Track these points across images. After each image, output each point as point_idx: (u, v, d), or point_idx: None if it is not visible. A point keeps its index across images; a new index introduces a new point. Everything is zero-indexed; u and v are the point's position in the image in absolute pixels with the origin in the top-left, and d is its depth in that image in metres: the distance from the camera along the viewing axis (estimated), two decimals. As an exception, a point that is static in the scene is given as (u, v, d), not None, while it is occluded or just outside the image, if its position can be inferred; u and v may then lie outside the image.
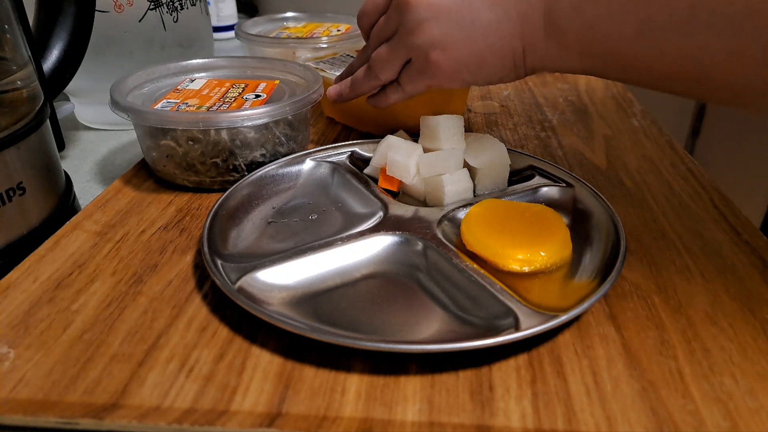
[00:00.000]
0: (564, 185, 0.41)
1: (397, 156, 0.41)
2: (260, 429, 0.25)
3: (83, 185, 0.51)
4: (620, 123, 0.58)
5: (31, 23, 0.47)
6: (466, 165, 0.42)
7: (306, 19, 0.79)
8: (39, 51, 0.48)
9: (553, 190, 0.42)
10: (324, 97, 0.50)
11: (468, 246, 0.36)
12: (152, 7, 0.58)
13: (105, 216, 0.41)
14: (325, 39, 0.68)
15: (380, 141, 0.44)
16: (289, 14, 0.79)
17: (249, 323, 0.31)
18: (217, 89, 0.49)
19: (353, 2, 0.66)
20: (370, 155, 0.45)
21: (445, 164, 0.40)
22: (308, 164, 0.45)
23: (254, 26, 0.76)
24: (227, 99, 0.47)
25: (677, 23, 0.30)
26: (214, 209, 0.38)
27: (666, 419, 0.26)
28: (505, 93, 0.67)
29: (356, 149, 0.47)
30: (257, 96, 0.47)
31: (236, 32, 0.71)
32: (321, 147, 0.47)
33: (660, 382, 0.28)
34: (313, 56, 0.62)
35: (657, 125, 0.57)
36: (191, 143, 0.43)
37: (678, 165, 0.49)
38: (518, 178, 0.44)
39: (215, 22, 0.96)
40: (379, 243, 0.37)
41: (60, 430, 0.26)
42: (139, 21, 0.57)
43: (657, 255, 0.37)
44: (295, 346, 0.30)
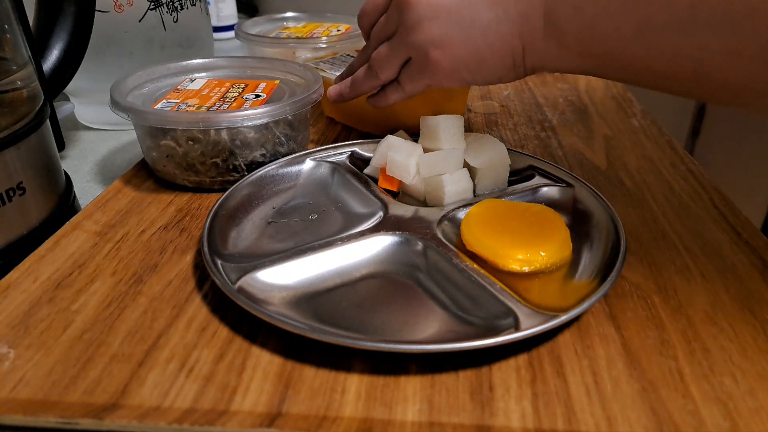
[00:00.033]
0: (564, 185, 0.41)
1: (397, 156, 0.41)
2: (260, 429, 0.25)
3: (83, 185, 0.51)
4: (620, 123, 0.58)
5: (31, 23, 0.47)
6: (466, 165, 0.42)
7: (306, 19, 0.79)
8: (39, 51, 0.48)
9: (553, 190, 0.42)
10: (324, 97, 0.50)
11: (468, 246, 0.36)
12: (152, 7, 0.58)
13: (105, 216, 0.41)
14: (325, 39, 0.68)
15: (380, 141, 0.44)
16: (289, 14, 0.79)
17: (249, 323, 0.31)
18: (217, 89, 0.49)
19: (353, 2, 0.66)
20: (370, 155, 0.45)
21: (445, 164, 0.40)
22: (308, 164, 0.45)
23: (254, 26, 0.76)
24: (227, 99, 0.47)
25: (677, 23, 0.30)
26: (214, 209, 0.38)
27: (666, 419, 0.26)
28: (505, 93, 0.67)
29: (356, 149, 0.47)
30: (257, 96, 0.47)
31: (236, 32, 0.71)
32: (321, 147, 0.47)
33: (660, 382, 0.28)
34: (313, 56, 0.62)
35: (657, 125, 0.57)
36: (191, 143, 0.43)
37: (678, 165, 0.49)
38: (518, 178, 0.44)
39: (215, 22, 0.96)
40: (379, 243, 0.37)
41: (60, 430, 0.26)
42: (139, 21, 0.57)
43: (657, 255, 0.37)
44: (295, 346, 0.30)
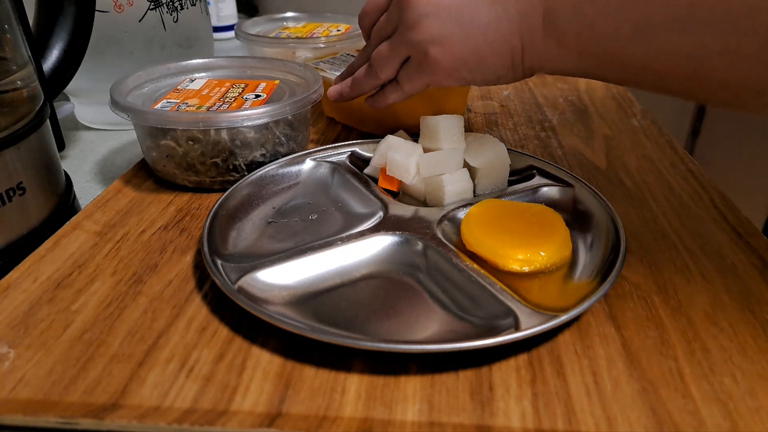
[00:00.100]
0: (564, 185, 0.41)
1: (397, 156, 0.41)
2: (260, 429, 0.25)
3: (83, 185, 0.51)
4: (620, 123, 0.58)
5: (31, 23, 0.47)
6: (466, 165, 0.42)
7: (306, 19, 0.79)
8: (39, 51, 0.48)
9: (553, 190, 0.42)
10: (324, 97, 0.50)
11: (468, 246, 0.36)
12: (152, 7, 0.58)
13: (105, 216, 0.41)
14: (325, 39, 0.68)
15: (380, 141, 0.44)
16: (289, 14, 0.79)
17: (249, 323, 0.31)
18: (217, 89, 0.49)
19: (353, 2, 0.66)
20: (370, 155, 0.45)
21: (445, 164, 0.40)
22: (308, 164, 0.45)
23: (254, 26, 0.76)
24: (227, 99, 0.47)
25: (676, 22, 0.30)
26: (214, 209, 0.38)
27: (666, 419, 0.26)
28: (505, 93, 0.67)
29: (356, 149, 0.47)
30: (257, 96, 0.47)
31: (236, 32, 0.71)
32: (321, 147, 0.47)
33: (660, 382, 0.28)
34: (313, 56, 0.62)
35: (657, 125, 0.57)
36: (191, 143, 0.43)
37: (678, 165, 0.49)
38: (518, 178, 0.44)
39: (215, 22, 0.96)
40: (379, 243, 0.37)
41: (60, 430, 0.26)
42: (139, 21, 0.57)
43: (657, 255, 0.37)
44: (295, 346, 0.30)
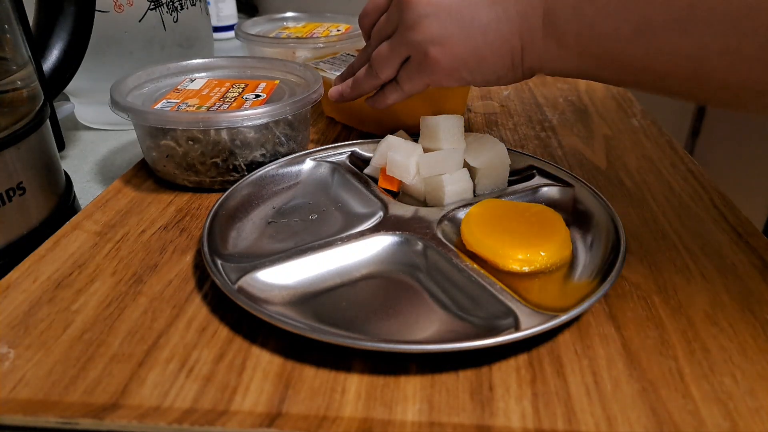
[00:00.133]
0: (564, 185, 0.41)
1: (397, 156, 0.41)
2: (260, 429, 0.25)
3: (83, 185, 0.51)
4: (620, 123, 0.58)
5: (31, 23, 0.47)
6: (466, 165, 0.42)
7: (306, 19, 0.79)
8: (39, 51, 0.48)
9: (553, 190, 0.42)
10: (324, 97, 0.50)
11: (468, 246, 0.36)
12: (152, 7, 0.58)
13: (105, 216, 0.41)
14: (325, 39, 0.68)
15: (380, 141, 0.44)
16: (289, 14, 0.79)
17: (249, 323, 0.31)
18: (217, 89, 0.49)
19: (353, 2, 0.66)
20: (370, 155, 0.45)
21: (445, 164, 0.40)
22: (308, 164, 0.45)
23: (254, 26, 0.76)
24: (227, 99, 0.47)
25: (676, 22, 0.30)
26: (214, 209, 0.38)
27: (666, 419, 0.26)
28: (505, 93, 0.67)
29: (356, 149, 0.47)
30: (257, 96, 0.47)
31: (236, 32, 0.71)
32: (321, 147, 0.47)
33: (660, 382, 0.28)
34: (313, 56, 0.62)
35: (657, 125, 0.57)
36: (191, 143, 0.43)
37: (678, 165, 0.49)
38: (518, 178, 0.44)
39: (215, 22, 0.96)
40: (379, 243, 0.37)
41: (60, 430, 0.26)
42: (139, 21, 0.57)
43: (657, 255, 0.37)
44: (295, 346, 0.30)
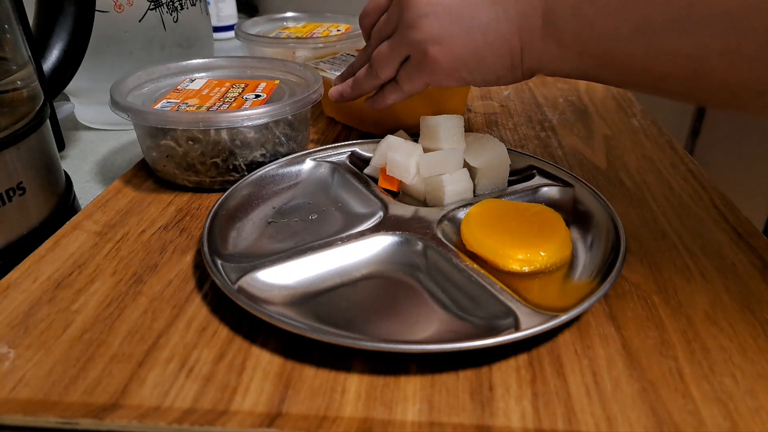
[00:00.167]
0: (564, 185, 0.41)
1: (397, 156, 0.41)
2: (260, 429, 0.25)
3: (83, 185, 0.51)
4: (620, 123, 0.58)
5: (31, 23, 0.47)
6: (466, 165, 0.42)
7: (306, 19, 0.79)
8: (39, 51, 0.48)
9: (553, 190, 0.42)
10: (324, 97, 0.50)
11: (468, 246, 0.36)
12: (152, 7, 0.58)
13: (105, 216, 0.41)
14: (325, 39, 0.68)
15: (380, 141, 0.44)
16: (289, 14, 0.79)
17: (249, 323, 0.31)
18: (217, 89, 0.49)
19: (353, 2, 0.66)
20: (370, 155, 0.45)
21: (445, 164, 0.40)
22: (308, 164, 0.45)
23: (254, 26, 0.76)
24: (227, 99, 0.47)
25: (675, 22, 0.30)
26: (214, 209, 0.38)
27: (666, 419, 0.26)
28: (505, 93, 0.67)
29: (356, 149, 0.47)
30: (257, 96, 0.47)
31: (236, 32, 0.71)
32: (321, 147, 0.47)
33: (660, 382, 0.28)
34: (313, 56, 0.62)
35: (657, 125, 0.57)
36: (191, 143, 0.43)
37: (678, 165, 0.49)
38: (518, 178, 0.44)
39: (215, 22, 0.96)
40: (379, 243, 0.37)
41: (60, 430, 0.26)
42: (139, 21, 0.57)
43: (657, 255, 0.37)
44: (295, 346, 0.30)
